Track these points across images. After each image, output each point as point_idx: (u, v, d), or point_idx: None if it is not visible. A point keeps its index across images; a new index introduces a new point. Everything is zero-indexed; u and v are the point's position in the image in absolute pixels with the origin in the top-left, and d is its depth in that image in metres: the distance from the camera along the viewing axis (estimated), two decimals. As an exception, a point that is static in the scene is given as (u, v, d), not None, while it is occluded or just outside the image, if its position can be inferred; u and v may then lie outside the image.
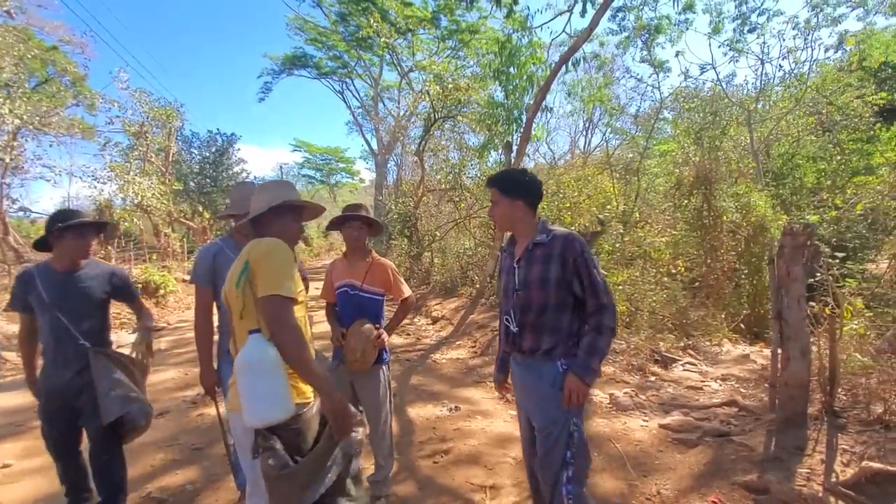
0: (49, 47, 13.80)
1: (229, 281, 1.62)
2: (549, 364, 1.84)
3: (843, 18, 11.15)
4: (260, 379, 1.44)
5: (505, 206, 1.92)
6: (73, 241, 2.26)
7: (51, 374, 2.30)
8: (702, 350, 5.83)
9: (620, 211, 9.47)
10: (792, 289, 3.09)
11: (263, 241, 1.61)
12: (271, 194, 1.73)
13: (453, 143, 14.11)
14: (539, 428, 1.89)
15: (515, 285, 1.89)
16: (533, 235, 1.88)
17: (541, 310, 1.83)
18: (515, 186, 1.92)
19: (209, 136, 23.12)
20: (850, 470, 2.65)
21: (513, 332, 1.91)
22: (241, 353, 1.47)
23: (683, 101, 11.74)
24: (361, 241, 2.63)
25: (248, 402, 1.45)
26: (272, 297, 1.48)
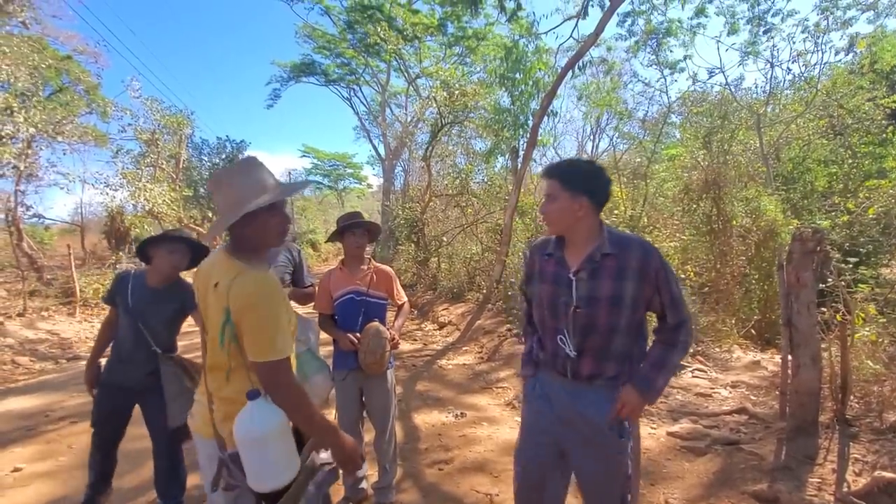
0: (63, 57, 14.06)
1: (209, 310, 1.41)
2: (611, 393, 1.57)
3: (853, 21, 11.04)
4: (274, 449, 1.31)
5: (566, 202, 1.55)
6: (166, 255, 2.37)
7: (119, 370, 2.46)
8: (711, 356, 5.76)
9: (628, 216, 9.42)
10: (801, 295, 3.05)
11: (245, 284, 1.31)
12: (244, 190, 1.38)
13: (460, 148, 14.16)
14: (584, 471, 1.65)
15: (573, 301, 1.56)
16: (596, 242, 1.57)
17: (609, 333, 1.54)
18: (582, 180, 1.56)
19: (219, 142, 23.33)
20: (863, 479, 2.61)
21: (569, 357, 1.58)
22: (246, 424, 1.28)
23: (692, 105, 11.68)
24: (363, 248, 2.63)
25: (259, 471, 1.30)
26: (267, 363, 1.29)
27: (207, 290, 1.39)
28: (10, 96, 10.40)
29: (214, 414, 1.41)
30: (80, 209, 17.34)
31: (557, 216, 1.58)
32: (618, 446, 1.57)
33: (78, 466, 3.32)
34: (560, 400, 1.64)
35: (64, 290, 10.52)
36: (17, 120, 10.27)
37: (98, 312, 10.44)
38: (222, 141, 23.39)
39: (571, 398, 1.61)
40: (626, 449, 1.58)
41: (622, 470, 1.58)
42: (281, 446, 1.32)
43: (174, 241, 2.37)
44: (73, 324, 9.22)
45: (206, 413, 1.42)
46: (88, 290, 10.74)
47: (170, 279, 2.43)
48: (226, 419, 1.37)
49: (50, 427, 4.13)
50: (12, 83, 10.49)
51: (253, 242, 1.41)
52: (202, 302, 1.46)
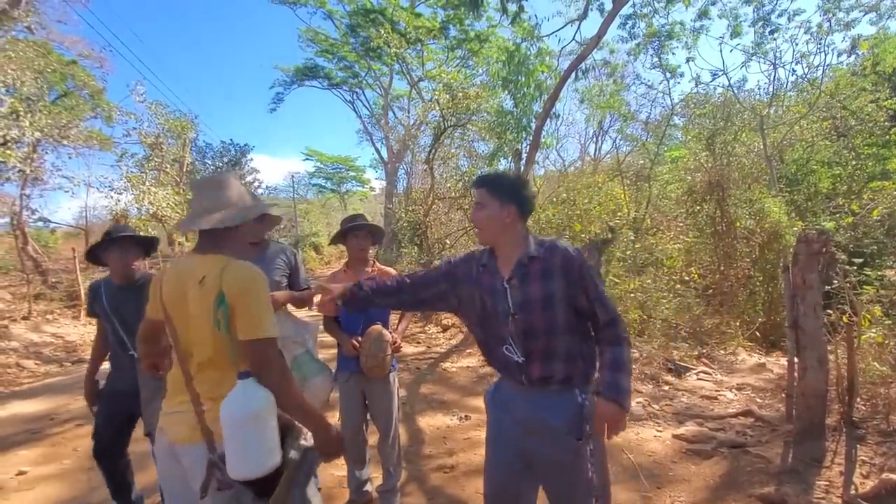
0: (68, 61, 14.13)
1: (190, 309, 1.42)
2: (566, 395, 1.59)
3: (855, 23, 11.03)
4: (259, 432, 1.31)
5: (495, 209, 1.63)
6: (116, 255, 2.37)
7: (115, 377, 2.49)
8: (716, 359, 5.74)
9: (631, 218, 9.41)
10: (807, 297, 3.04)
11: (238, 269, 1.40)
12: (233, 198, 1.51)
13: (463, 151, 14.18)
14: (548, 479, 1.65)
15: (509, 308, 1.61)
16: (523, 248, 1.63)
17: (549, 334, 1.58)
18: (510, 190, 1.64)
19: (222, 146, 23.51)
20: (870, 482, 2.60)
21: (518, 363, 1.62)
22: (236, 402, 1.29)
23: (694, 106, 11.67)
24: (366, 250, 2.64)
25: (240, 455, 1.30)
26: (259, 340, 1.35)
27: (186, 290, 1.42)
28: (15, 101, 10.47)
29: (206, 415, 1.39)
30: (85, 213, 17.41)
31: (487, 222, 1.65)
32: (576, 449, 1.56)
33: (83, 469, 3.32)
34: (518, 407, 1.66)
35: (69, 294, 10.56)
36: (22, 124, 10.33)
37: (102, 315, 10.49)
38: (226, 145, 23.56)
39: (528, 404, 1.63)
40: (584, 452, 1.56)
41: (582, 476, 1.56)
42: (268, 428, 1.33)
43: (116, 240, 2.37)
44: (77, 327, 9.26)
45: (191, 418, 1.41)
46: (93, 293, 10.77)
47: (130, 276, 2.42)
48: (215, 418, 1.35)
49: (55, 430, 4.14)
50: (18, 88, 10.56)
51: (235, 243, 1.52)
52: (175, 306, 1.46)
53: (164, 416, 1.50)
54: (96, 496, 2.84)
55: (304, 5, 18.76)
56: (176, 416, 1.45)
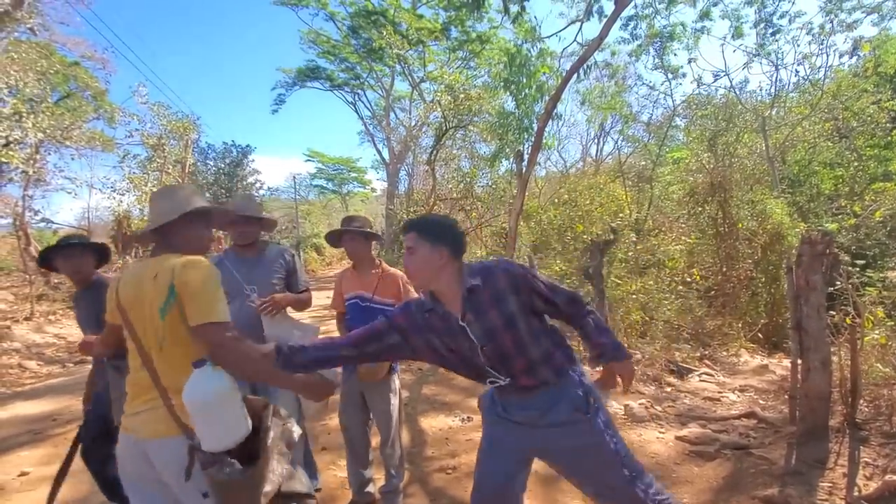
0: (71, 63, 14.17)
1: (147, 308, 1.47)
2: (563, 382, 1.62)
3: (857, 24, 11.01)
4: (224, 410, 1.40)
5: (425, 252, 1.61)
6: (62, 263, 2.40)
7: (96, 380, 2.51)
8: (719, 360, 5.74)
9: (633, 219, 9.40)
10: (811, 298, 3.03)
11: (187, 262, 1.47)
12: (178, 201, 1.57)
13: (464, 152, 14.21)
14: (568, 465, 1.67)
15: (474, 342, 1.60)
16: (462, 283, 1.61)
17: (521, 349, 1.59)
18: (439, 232, 1.63)
19: (224, 147, 23.53)
20: (873, 483, 2.59)
21: (506, 385, 1.64)
22: (192, 389, 1.36)
23: (696, 107, 11.67)
24: (360, 252, 2.61)
25: (210, 432, 1.38)
26: (210, 324, 1.41)
27: (142, 290, 1.49)
28: (18, 102, 10.50)
29: (176, 406, 1.44)
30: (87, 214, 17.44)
31: (420, 266, 1.63)
32: (588, 425, 1.59)
33: (85, 470, 3.32)
34: (517, 410, 1.67)
35: (71, 295, 10.56)
36: (25, 125, 10.37)
37: (104, 316, 10.50)
38: (228, 146, 23.58)
39: (528, 405, 1.65)
40: (598, 425, 1.59)
41: (605, 448, 1.58)
42: (229, 408, 1.40)
43: (65, 247, 2.40)
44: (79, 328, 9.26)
45: (163, 413, 1.45)
46: (95, 294, 10.79)
47: (84, 280, 2.43)
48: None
49: (57, 431, 4.14)
50: (21, 89, 10.59)
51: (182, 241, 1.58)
52: (133, 307, 1.51)
53: (130, 417, 1.51)
54: (99, 497, 2.83)
55: (306, 7, 18.80)
56: (145, 414, 1.48)
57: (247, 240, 2.53)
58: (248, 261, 2.53)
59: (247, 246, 2.54)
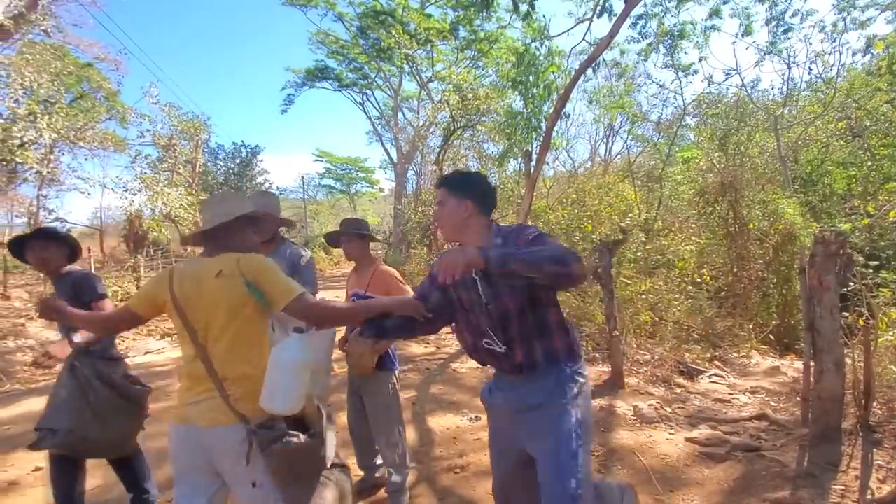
0: (84, 64, 14.38)
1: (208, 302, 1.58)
2: (552, 370, 1.59)
3: (871, 22, 10.85)
4: (299, 377, 1.56)
5: (452, 206, 1.65)
6: (30, 253, 2.37)
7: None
8: (729, 361, 5.68)
9: (643, 219, 9.35)
10: (824, 299, 3.00)
11: (249, 258, 1.62)
12: (230, 206, 1.72)
13: (472, 152, 14.19)
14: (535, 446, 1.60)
15: (481, 298, 1.61)
16: (484, 239, 1.64)
17: (521, 314, 1.57)
18: (464, 184, 1.68)
19: (234, 147, 23.76)
20: (887, 487, 2.56)
21: (500, 353, 1.63)
22: (286, 351, 1.54)
23: (707, 107, 11.57)
24: (357, 252, 2.73)
25: (278, 392, 1.53)
26: (294, 300, 1.57)
27: (201, 285, 1.60)
28: (33, 103, 10.67)
29: (231, 398, 1.54)
30: (100, 213, 17.71)
31: (446, 219, 1.69)
32: (560, 409, 1.55)
33: (98, 465, 3.36)
34: (512, 398, 1.67)
35: (83, 292, 10.71)
36: (39, 126, 10.53)
37: (116, 314, 10.62)
38: (237, 146, 23.81)
39: (520, 393, 1.63)
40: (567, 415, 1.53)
41: (566, 432, 1.52)
42: (303, 378, 1.57)
43: (35, 237, 2.38)
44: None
45: (220, 402, 1.54)
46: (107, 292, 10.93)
47: (55, 272, 2.39)
48: (243, 397, 1.55)
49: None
50: (35, 90, 10.76)
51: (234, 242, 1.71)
52: (191, 301, 1.60)
53: (187, 407, 1.59)
54: (113, 492, 2.87)
55: (315, 7, 18.89)
56: (203, 403, 1.56)
57: (264, 237, 2.52)
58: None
59: (264, 243, 2.57)
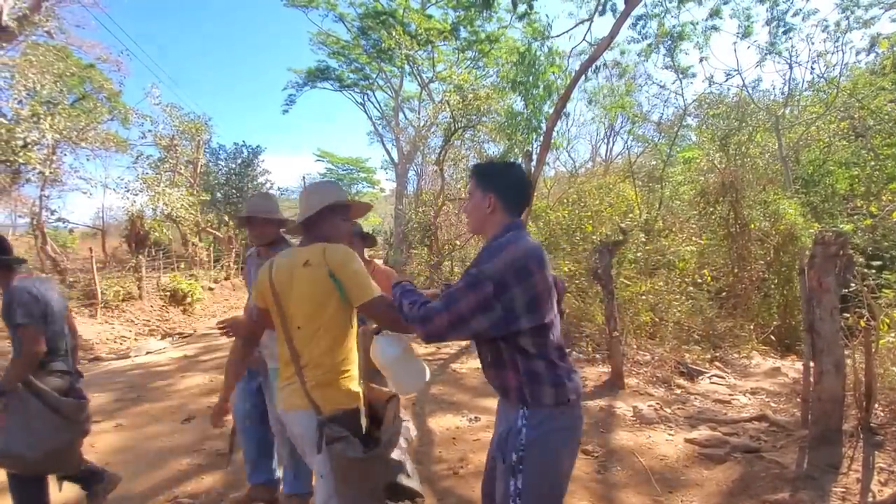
0: (86, 65, 14.40)
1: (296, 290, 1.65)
2: (511, 410, 1.45)
3: (875, 20, 10.81)
4: (407, 364, 1.80)
5: (477, 198, 1.53)
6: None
7: None
8: (730, 362, 5.68)
9: (643, 219, 9.33)
10: (824, 300, 2.99)
11: (335, 249, 1.67)
12: (320, 196, 1.76)
13: (473, 152, 14.18)
14: None
15: None
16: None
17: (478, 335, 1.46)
18: (490, 177, 1.53)
19: (235, 148, 23.73)
20: (888, 489, 2.55)
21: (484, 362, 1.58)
22: (381, 351, 1.77)
23: (708, 107, 11.54)
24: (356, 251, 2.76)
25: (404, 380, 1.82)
26: (374, 299, 1.64)
27: (292, 274, 1.67)
28: (36, 104, 10.70)
29: (308, 384, 1.63)
30: (102, 213, 17.75)
31: (470, 211, 1.58)
32: (501, 471, 1.42)
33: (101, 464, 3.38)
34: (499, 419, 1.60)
35: (86, 293, 10.76)
36: (42, 127, 10.56)
37: (119, 314, 10.65)
38: (238, 146, 23.78)
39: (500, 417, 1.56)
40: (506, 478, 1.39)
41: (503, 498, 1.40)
42: (409, 364, 1.82)
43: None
44: (94, 325, 9.42)
45: (298, 387, 1.64)
46: (109, 292, 10.97)
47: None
48: (317, 385, 1.62)
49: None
50: (38, 91, 10.80)
51: (323, 234, 1.77)
52: (283, 289, 1.68)
53: (278, 391, 1.74)
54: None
55: (316, 8, 18.90)
56: (287, 388, 1.68)
57: (262, 240, 2.52)
58: (261, 261, 2.55)
59: (266, 245, 2.56)
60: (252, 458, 2.65)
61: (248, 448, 2.64)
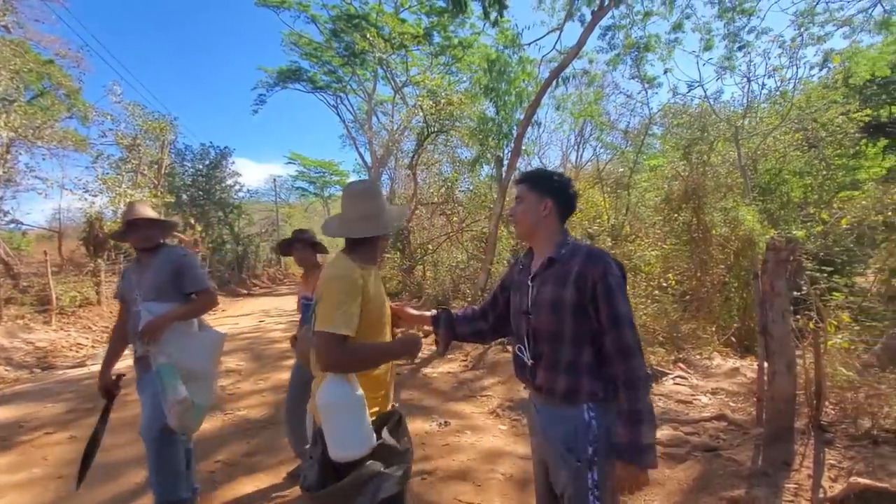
0: (45, 61, 13.81)
1: None
2: (571, 410, 1.49)
3: (828, 37, 11.37)
4: (347, 418, 1.45)
5: (531, 203, 1.59)
6: None
7: None
8: (692, 363, 5.84)
9: (611, 225, 9.55)
10: (776, 303, 3.13)
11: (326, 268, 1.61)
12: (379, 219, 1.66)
13: (446, 156, 14.24)
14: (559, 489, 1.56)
15: (528, 305, 1.58)
16: (553, 248, 1.57)
17: (554, 340, 1.51)
18: (549, 183, 1.60)
19: (202, 148, 23.13)
20: (838, 485, 2.65)
21: (527, 365, 1.59)
22: (322, 392, 1.46)
23: (672, 117, 11.93)
24: (306, 260, 2.99)
25: (335, 438, 1.45)
26: (318, 333, 1.47)
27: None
28: (-11, 100, 10.20)
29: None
30: (59, 215, 16.96)
31: (523, 216, 1.62)
32: (576, 472, 1.46)
33: (52, 478, 3.23)
34: (535, 416, 1.65)
35: (40, 298, 10.26)
36: (-5, 124, 10.07)
37: (75, 321, 10.19)
38: (206, 147, 23.20)
39: (539, 414, 1.61)
40: (585, 478, 1.45)
41: (581, 494, 1.46)
42: (347, 418, 1.44)
43: None
44: (48, 332, 8.99)
45: None
46: (65, 297, 10.49)
47: None
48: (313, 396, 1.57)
49: (24, 438, 4.02)
50: (-8, 87, 10.29)
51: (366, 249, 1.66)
52: None
53: None
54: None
55: (288, 9, 18.67)
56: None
57: (139, 245, 2.47)
58: (142, 266, 2.47)
59: (144, 251, 2.48)
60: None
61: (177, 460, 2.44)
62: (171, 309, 2.35)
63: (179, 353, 2.30)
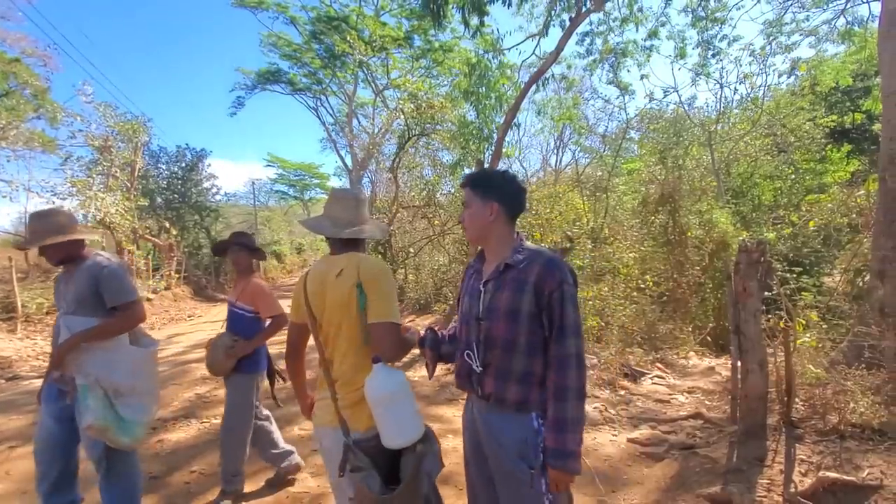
0: (11, 59, 13.36)
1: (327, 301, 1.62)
2: (520, 418, 1.48)
3: (795, 46, 11.80)
4: (399, 407, 1.51)
5: (477, 207, 1.56)
6: None
7: None
8: (670, 363, 5.95)
9: (590, 227, 9.68)
10: (748, 303, 3.21)
11: (371, 263, 1.64)
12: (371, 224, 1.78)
13: (427, 160, 14.23)
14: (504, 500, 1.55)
15: (479, 313, 1.54)
16: (506, 253, 1.54)
17: (507, 347, 1.47)
18: (493, 186, 1.56)
19: (178, 150, 22.62)
20: (808, 480, 2.73)
21: (475, 372, 1.55)
22: (371, 385, 1.49)
23: (648, 121, 12.19)
24: (241, 263, 2.96)
25: (389, 427, 1.50)
26: (381, 324, 1.55)
27: (325, 283, 1.64)
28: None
29: (339, 402, 1.60)
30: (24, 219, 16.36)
31: (470, 221, 1.59)
32: (528, 479, 1.45)
33: (16, 494, 3.10)
34: (478, 425, 1.59)
35: (4, 306, 9.87)
36: (-45, 124, 9.68)
37: (42, 329, 9.83)
38: (181, 149, 22.69)
39: (485, 422, 1.56)
40: (538, 486, 1.44)
41: (535, 501, 1.45)
42: (403, 406, 1.51)
43: None
44: (13, 341, 8.65)
45: (329, 403, 1.62)
46: (31, 304, 10.11)
47: None
48: (348, 405, 1.58)
49: (-10, 451, 3.85)
50: (-48, 86, 9.89)
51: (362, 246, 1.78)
52: (316, 299, 1.66)
53: (316, 403, 1.75)
54: None
55: (266, 10, 18.47)
56: (320, 402, 1.70)
57: (52, 260, 2.28)
58: (67, 276, 2.31)
59: (61, 263, 2.31)
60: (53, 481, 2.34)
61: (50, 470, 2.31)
62: (81, 330, 2.16)
63: (100, 371, 2.14)
